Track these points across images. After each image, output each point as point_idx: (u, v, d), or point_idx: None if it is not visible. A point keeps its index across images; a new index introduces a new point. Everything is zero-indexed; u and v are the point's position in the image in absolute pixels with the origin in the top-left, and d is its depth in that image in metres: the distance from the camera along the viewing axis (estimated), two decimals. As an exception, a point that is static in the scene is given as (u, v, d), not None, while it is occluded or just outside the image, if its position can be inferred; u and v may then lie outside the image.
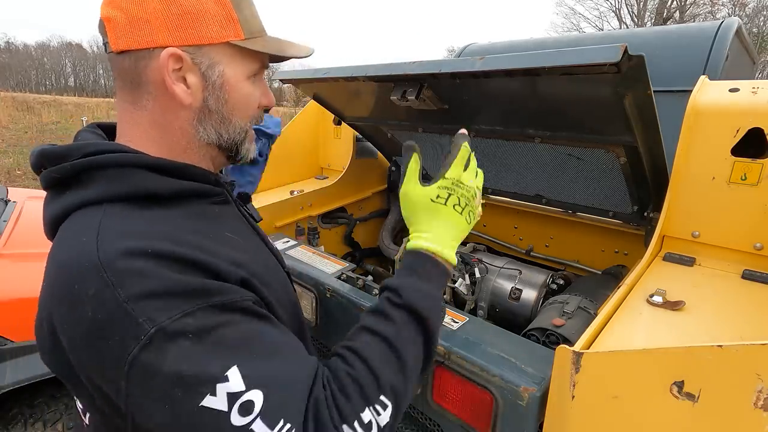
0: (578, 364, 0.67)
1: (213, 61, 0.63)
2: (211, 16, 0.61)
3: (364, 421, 0.53)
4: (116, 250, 0.51)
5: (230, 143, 0.69)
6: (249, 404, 0.49)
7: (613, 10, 22.55)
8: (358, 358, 0.58)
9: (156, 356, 0.48)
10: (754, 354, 0.55)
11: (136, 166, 0.59)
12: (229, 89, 0.65)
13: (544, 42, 1.96)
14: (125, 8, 0.58)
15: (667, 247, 1.16)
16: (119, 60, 0.61)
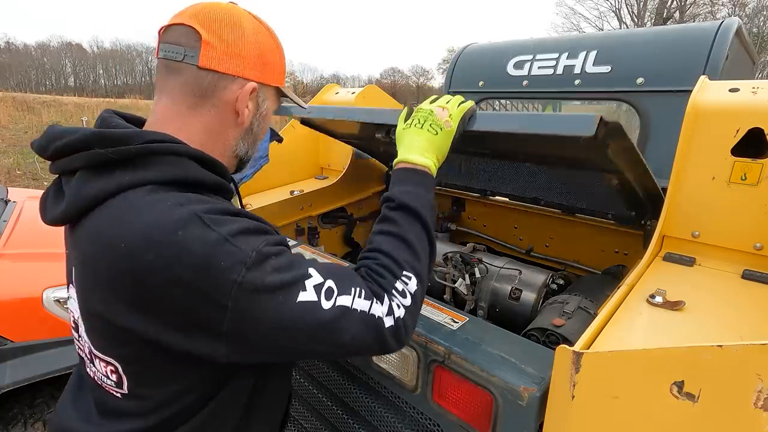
0: (578, 364, 0.67)
1: (265, 97, 0.83)
2: (277, 66, 0.83)
3: (399, 289, 0.74)
4: (202, 207, 0.63)
5: (248, 158, 0.87)
6: (329, 290, 0.67)
7: (613, 10, 22.56)
8: (378, 252, 0.78)
9: (259, 273, 0.62)
10: (754, 354, 0.55)
11: (188, 156, 0.70)
12: (267, 119, 0.86)
13: (544, 42, 1.96)
14: (229, 42, 0.74)
15: (667, 247, 1.16)
16: (199, 73, 0.73)
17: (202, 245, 0.60)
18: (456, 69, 2.19)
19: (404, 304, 0.74)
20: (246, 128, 0.82)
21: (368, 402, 1.11)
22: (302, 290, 0.65)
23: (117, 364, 0.70)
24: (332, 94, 2.12)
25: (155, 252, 0.60)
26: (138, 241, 0.61)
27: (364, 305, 0.70)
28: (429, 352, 0.92)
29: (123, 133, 0.67)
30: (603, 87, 1.69)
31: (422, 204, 0.83)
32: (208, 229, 0.61)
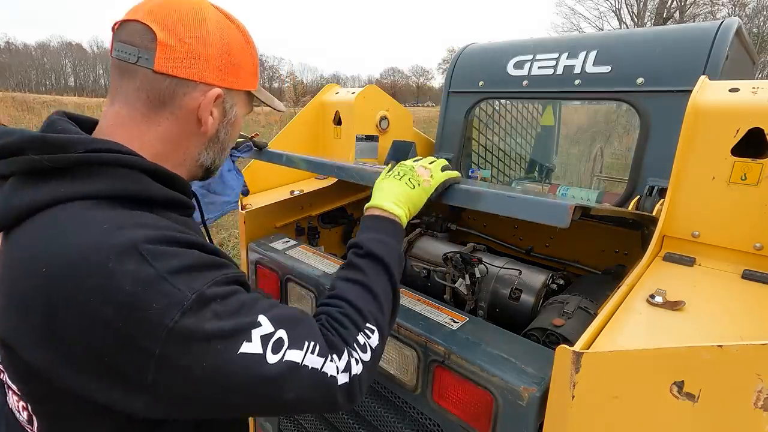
0: (578, 364, 0.67)
1: (233, 102, 0.75)
2: (247, 68, 0.75)
3: (360, 342, 0.69)
4: (143, 235, 0.55)
5: (216, 167, 0.81)
6: (279, 342, 0.60)
7: (613, 10, 22.56)
8: (342, 300, 0.73)
9: (197, 318, 0.54)
10: (754, 354, 0.55)
11: (140, 169, 0.63)
12: (235, 126, 0.78)
13: (544, 42, 1.96)
14: (188, 43, 0.66)
15: (667, 247, 1.16)
16: (155, 78, 0.66)
17: (133, 282, 0.52)
18: (456, 69, 2.19)
19: (363, 360, 0.68)
20: (211, 137, 0.74)
21: (368, 402, 1.11)
22: (246, 341, 0.57)
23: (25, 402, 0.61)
24: (332, 94, 2.12)
25: (77, 282, 0.51)
26: (60, 265, 0.52)
27: (316, 362, 0.62)
28: (429, 352, 0.92)
29: (64, 138, 0.59)
30: (603, 87, 1.69)
31: (391, 256, 0.79)
32: (145, 263, 0.53)
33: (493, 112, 2.61)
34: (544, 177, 2.89)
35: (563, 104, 2.89)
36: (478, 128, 2.47)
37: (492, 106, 2.57)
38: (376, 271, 0.77)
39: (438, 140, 2.24)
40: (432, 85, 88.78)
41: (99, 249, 0.53)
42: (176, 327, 0.52)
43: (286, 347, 0.60)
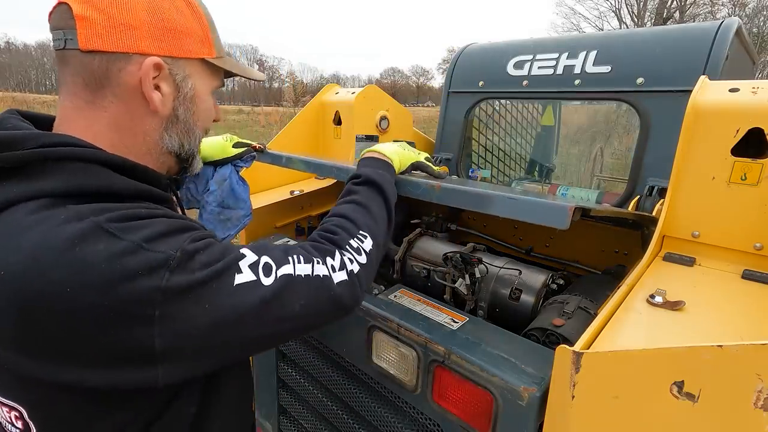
0: (578, 364, 0.67)
1: (186, 74, 0.68)
2: (192, 33, 0.67)
3: (353, 246, 0.74)
4: (105, 216, 0.52)
5: (188, 153, 0.74)
6: (267, 266, 0.62)
7: (613, 10, 22.56)
8: (335, 216, 0.79)
9: (186, 271, 0.53)
10: (754, 354, 0.55)
11: (97, 162, 0.58)
12: (198, 101, 0.71)
13: (544, 42, 1.96)
14: (107, 12, 0.59)
15: (667, 247, 1.16)
16: (85, 58, 0.60)
17: (108, 259, 0.49)
18: (456, 69, 2.19)
19: (359, 261, 0.73)
20: (167, 116, 0.67)
21: (368, 402, 1.11)
22: (237, 272, 0.58)
23: (21, 408, 0.57)
24: (332, 94, 2.12)
25: (44, 279, 0.47)
26: (22, 266, 0.48)
27: (305, 269, 0.65)
28: (429, 352, 0.92)
29: (13, 135, 0.54)
30: (603, 87, 1.69)
31: (386, 184, 0.87)
32: (115, 239, 0.50)
33: (493, 112, 2.61)
34: (544, 177, 2.89)
35: (563, 104, 2.89)
36: (478, 128, 2.47)
37: (492, 106, 2.57)
38: (372, 194, 0.84)
39: (438, 140, 2.24)
40: (432, 85, 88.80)
41: (59, 238, 0.49)
42: (169, 285, 0.51)
43: (275, 268, 0.62)
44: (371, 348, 1.04)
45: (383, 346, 1.02)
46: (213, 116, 0.78)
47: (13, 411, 0.58)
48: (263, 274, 0.60)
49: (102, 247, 0.49)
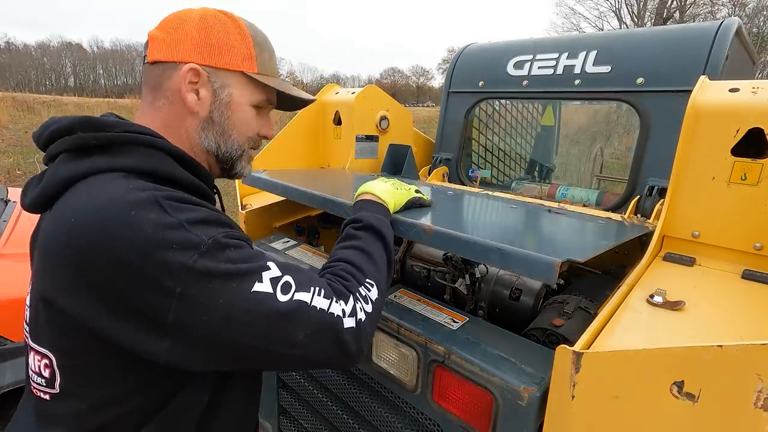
0: (578, 364, 0.67)
1: (225, 83, 0.77)
2: (235, 50, 0.77)
3: (362, 294, 0.75)
4: (162, 193, 0.62)
5: (226, 156, 0.81)
6: (287, 284, 0.65)
7: (613, 10, 22.57)
8: (342, 261, 0.80)
9: (214, 260, 0.60)
10: (754, 354, 0.55)
11: (165, 151, 0.71)
12: (233, 108, 0.79)
13: (544, 42, 1.96)
14: (169, 32, 0.74)
15: (667, 247, 1.16)
16: (151, 69, 0.75)
17: (154, 227, 0.57)
18: (456, 69, 2.19)
19: (366, 310, 0.74)
20: (204, 117, 0.77)
21: (368, 402, 1.11)
22: (258, 281, 0.62)
23: (51, 356, 0.64)
24: (332, 93, 2.11)
25: (102, 229, 0.57)
26: (87, 216, 0.58)
27: (323, 303, 0.67)
28: (429, 352, 0.92)
29: (106, 120, 0.69)
30: (603, 87, 1.69)
31: (385, 229, 0.88)
32: (165, 213, 0.59)
33: (493, 112, 2.61)
34: (543, 177, 2.89)
35: (563, 104, 2.89)
36: (478, 128, 2.47)
37: (492, 106, 2.57)
38: (372, 239, 0.85)
39: (438, 140, 2.24)
40: (432, 85, 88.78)
41: (122, 200, 0.59)
42: (195, 266, 0.58)
43: (294, 289, 0.65)
44: (371, 348, 1.04)
45: (383, 346, 1.02)
46: (254, 128, 0.84)
47: (44, 359, 0.65)
48: (280, 291, 0.64)
49: (153, 216, 0.58)
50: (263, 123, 0.86)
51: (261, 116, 0.85)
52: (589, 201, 1.83)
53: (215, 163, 0.82)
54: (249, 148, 0.85)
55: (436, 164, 2.18)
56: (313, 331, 0.65)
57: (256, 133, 0.85)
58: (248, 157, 0.86)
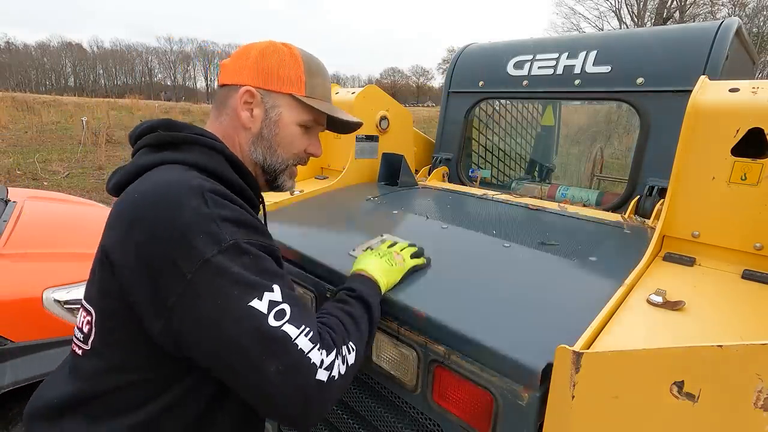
0: (578, 364, 0.67)
1: (275, 104, 0.87)
2: (286, 75, 0.87)
3: (343, 352, 0.74)
4: (210, 186, 0.70)
5: (271, 168, 0.90)
6: (281, 312, 0.66)
7: (613, 10, 22.57)
8: (333, 317, 0.80)
9: (228, 260, 0.64)
10: (754, 354, 0.55)
11: (223, 154, 0.81)
12: (281, 126, 0.88)
13: (544, 42, 1.96)
14: (235, 60, 0.88)
15: (667, 247, 1.16)
16: (220, 90, 0.90)
17: (191, 215, 0.65)
18: (456, 69, 2.19)
19: (341, 371, 0.72)
20: (256, 133, 0.87)
21: (368, 402, 1.11)
22: (258, 298, 0.65)
23: (93, 313, 0.73)
24: (332, 93, 2.11)
25: (154, 204, 0.66)
26: (146, 192, 0.69)
27: (305, 345, 0.67)
28: (429, 352, 0.92)
29: (182, 124, 0.83)
30: (603, 87, 1.69)
31: (375, 306, 0.89)
32: (205, 204, 0.66)
33: (493, 112, 2.61)
34: (543, 177, 2.89)
35: (563, 104, 2.89)
36: (478, 128, 2.48)
37: (492, 106, 2.57)
38: (362, 310, 0.86)
39: (438, 140, 2.24)
40: (432, 85, 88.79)
41: (177, 185, 0.68)
42: (211, 260, 0.63)
43: (286, 319, 0.66)
44: (372, 348, 1.04)
45: (383, 346, 1.02)
46: (300, 146, 0.92)
47: (87, 315, 0.75)
48: (273, 316, 0.66)
49: (194, 203, 0.66)
50: (311, 142, 0.95)
51: (309, 136, 0.94)
52: (589, 201, 1.83)
53: (261, 173, 0.91)
54: (293, 164, 0.94)
55: (436, 164, 2.18)
56: (285, 368, 0.64)
57: (303, 150, 0.94)
58: (291, 173, 0.95)
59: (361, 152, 2.00)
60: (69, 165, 8.66)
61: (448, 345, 0.88)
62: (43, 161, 8.74)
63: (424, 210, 1.56)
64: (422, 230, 1.37)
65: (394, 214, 1.52)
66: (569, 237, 1.29)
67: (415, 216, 1.49)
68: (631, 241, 1.24)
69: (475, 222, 1.44)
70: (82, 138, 10.67)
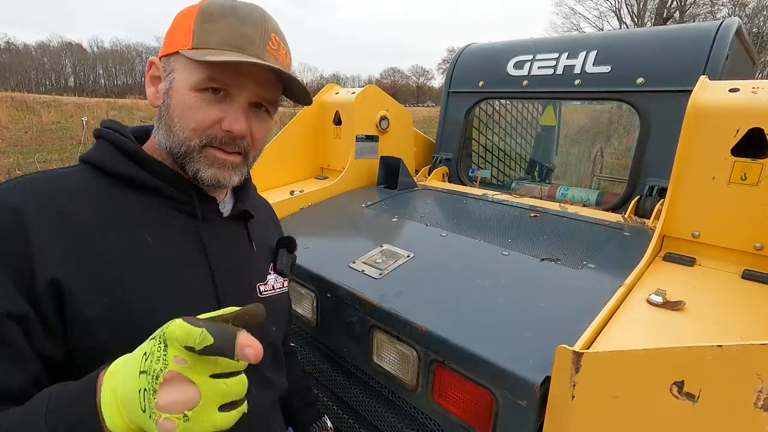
0: (578, 364, 0.67)
1: (172, 69, 0.66)
2: (180, 29, 0.66)
3: None
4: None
5: (174, 153, 0.67)
6: None
7: (613, 10, 22.56)
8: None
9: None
10: (754, 354, 0.55)
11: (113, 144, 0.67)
12: (172, 95, 0.66)
13: (544, 42, 1.96)
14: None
15: (667, 247, 1.16)
16: None
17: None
18: (456, 69, 2.19)
19: None
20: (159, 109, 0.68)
21: (369, 401, 1.11)
22: None
23: None
24: (332, 94, 2.11)
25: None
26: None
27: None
28: (429, 352, 0.92)
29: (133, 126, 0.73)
30: (603, 87, 1.69)
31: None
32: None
33: (493, 112, 2.61)
34: (543, 177, 2.89)
35: (563, 104, 2.89)
36: (478, 128, 2.48)
37: (492, 106, 2.57)
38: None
39: (438, 140, 2.24)
40: (432, 85, 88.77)
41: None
42: None
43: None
44: (372, 348, 1.04)
45: (384, 346, 1.02)
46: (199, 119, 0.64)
47: None
48: None
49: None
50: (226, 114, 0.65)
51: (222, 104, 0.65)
52: (589, 201, 1.83)
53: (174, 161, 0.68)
54: (201, 144, 0.65)
55: (436, 164, 2.18)
56: None
57: (210, 125, 0.65)
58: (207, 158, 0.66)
59: (361, 152, 2.00)
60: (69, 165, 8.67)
61: (447, 357, 0.88)
62: (43, 161, 8.75)
63: (424, 215, 1.56)
64: (422, 238, 1.37)
65: (393, 222, 1.52)
66: (569, 240, 1.29)
67: (415, 223, 1.49)
68: (631, 243, 1.24)
69: (475, 227, 1.44)
70: (82, 138, 10.67)
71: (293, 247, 0.89)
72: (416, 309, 0.98)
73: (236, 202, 0.79)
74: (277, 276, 0.83)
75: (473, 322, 0.91)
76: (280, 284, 0.83)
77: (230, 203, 0.79)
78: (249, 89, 0.66)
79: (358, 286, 1.09)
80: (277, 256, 0.85)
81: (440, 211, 1.62)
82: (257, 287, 0.78)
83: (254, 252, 0.79)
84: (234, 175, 0.70)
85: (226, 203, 0.78)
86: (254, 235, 0.80)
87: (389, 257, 1.22)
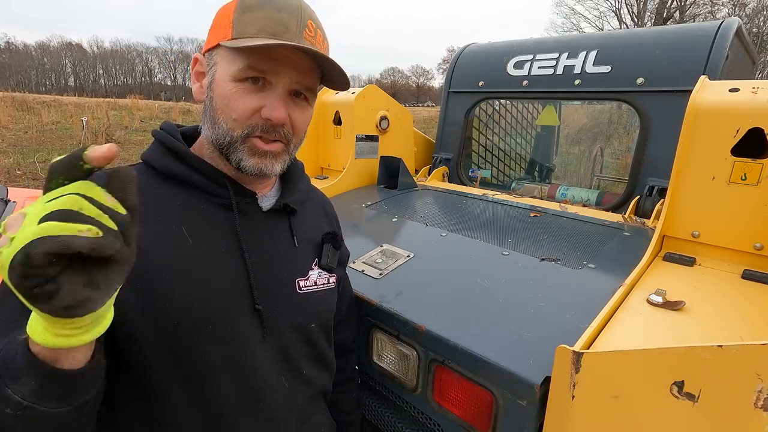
0: (578, 364, 0.67)
1: (214, 62, 0.68)
2: (221, 24, 0.67)
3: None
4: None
5: (219, 144, 0.68)
6: None
7: (613, 10, 22.56)
8: None
9: None
10: (754, 354, 0.55)
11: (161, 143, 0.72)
12: (214, 87, 0.68)
13: (544, 42, 1.96)
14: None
15: (667, 247, 1.16)
16: None
17: None
18: (456, 69, 2.19)
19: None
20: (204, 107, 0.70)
21: (368, 401, 1.11)
22: None
23: None
24: (332, 93, 2.12)
25: None
26: None
27: None
28: (429, 352, 0.92)
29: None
30: (603, 87, 1.69)
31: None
32: None
33: (493, 112, 2.61)
34: (543, 177, 2.89)
35: (563, 104, 2.89)
36: (478, 128, 2.47)
37: (492, 106, 2.57)
38: None
39: (438, 140, 2.24)
40: (432, 85, 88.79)
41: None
42: None
43: None
44: (372, 347, 1.04)
45: (383, 346, 1.02)
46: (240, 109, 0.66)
47: None
48: None
49: None
50: (266, 102, 0.66)
51: (262, 93, 0.67)
52: (589, 201, 1.83)
53: (219, 155, 0.71)
54: (244, 134, 0.67)
55: (436, 164, 2.18)
56: None
57: (250, 114, 0.66)
58: (250, 147, 0.68)
59: (361, 152, 2.00)
60: (69, 165, 8.65)
61: (447, 356, 0.88)
62: (43, 161, 8.74)
63: (424, 215, 1.56)
64: (422, 238, 1.37)
65: (393, 222, 1.52)
66: (569, 240, 1.29)
67: (415, 223, 1.49)
68: (631, 243, 1.24)
69: (475, 227, 1.44)
70: (82, 138, 10.67)
71: (338, 242, 0.87)
72: (416, 309, 0.97)
73: (281, 196, 0.80)
74: (321, 272, 0.81)
75: (473, 322, 0.91)
76: (324, 280, 0.81)
77: (274, 197, 0.79)
78: (288, 76, 0.67)
79: (358, 285, 1.09)
80: (322, 252, 0.83)
81: (440, 211, 1.62)
82: (296, 282, 0.77)
83: (295, 247, 0.78)
84: (276, 163, 0.71)
85: (269, 197, 0.78)
86: (298, 229, 0.79)
87: (389, 257, 1.22)
